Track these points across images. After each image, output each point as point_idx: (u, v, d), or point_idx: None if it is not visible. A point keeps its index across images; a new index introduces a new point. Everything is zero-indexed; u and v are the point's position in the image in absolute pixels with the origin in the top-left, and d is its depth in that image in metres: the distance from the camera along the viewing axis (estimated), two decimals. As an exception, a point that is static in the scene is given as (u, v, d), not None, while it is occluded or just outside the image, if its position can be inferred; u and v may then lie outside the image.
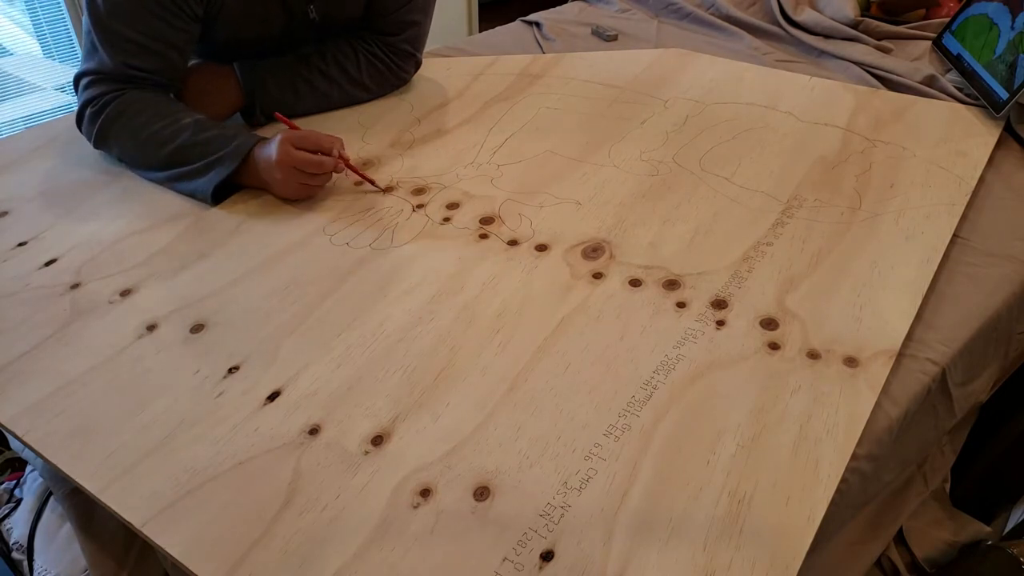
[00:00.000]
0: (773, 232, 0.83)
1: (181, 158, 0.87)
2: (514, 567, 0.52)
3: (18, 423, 0.63)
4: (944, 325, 0.73)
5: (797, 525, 0.54)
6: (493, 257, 0.80)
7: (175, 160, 0.87)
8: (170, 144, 0.87)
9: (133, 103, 0.89)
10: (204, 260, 0.80)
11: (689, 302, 0.74)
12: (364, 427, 0.61)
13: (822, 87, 1.15)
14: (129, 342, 0.70)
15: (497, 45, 1.36)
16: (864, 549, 0.83)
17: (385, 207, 0.88)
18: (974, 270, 0.81)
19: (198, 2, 0.89)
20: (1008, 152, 1.02)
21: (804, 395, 0.64)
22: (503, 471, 0.58)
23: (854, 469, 0.60)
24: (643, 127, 1.04)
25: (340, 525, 0.54)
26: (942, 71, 1.19)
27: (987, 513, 1.04)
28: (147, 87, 0.91)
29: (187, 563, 0.52)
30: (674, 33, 1.41)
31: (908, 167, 0.95)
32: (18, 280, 0.78)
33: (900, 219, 0.85)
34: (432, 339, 0.70)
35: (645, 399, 0.63)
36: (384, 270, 0.78)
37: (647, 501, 0.56)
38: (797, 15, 1.37)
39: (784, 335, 0.70)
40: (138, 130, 0.89)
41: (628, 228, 0.84)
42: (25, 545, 0.79)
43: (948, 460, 0.91)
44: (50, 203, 0.89)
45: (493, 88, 1.15)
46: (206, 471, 0.58)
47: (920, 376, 0.69)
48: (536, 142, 1.01)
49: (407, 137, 1.02)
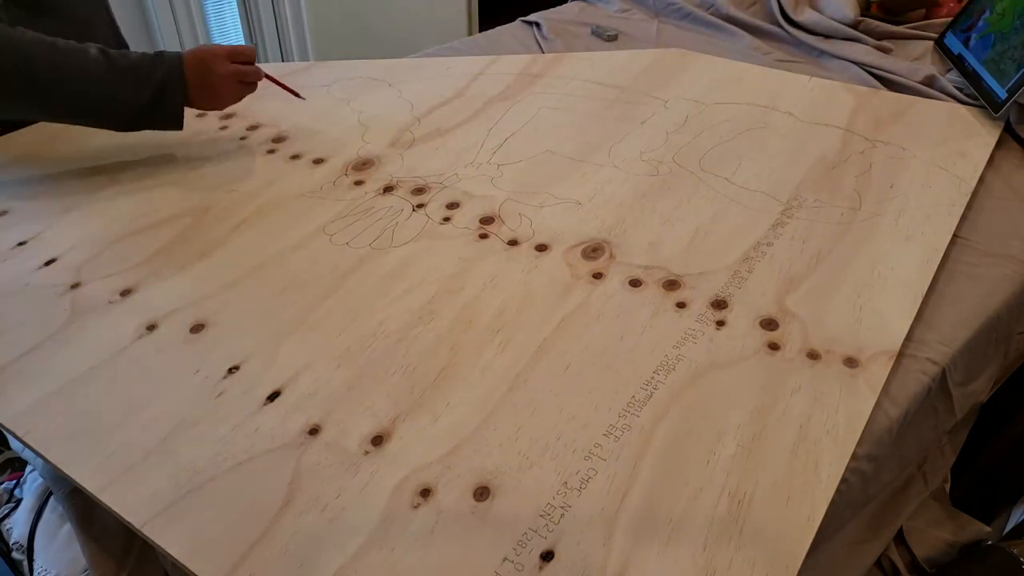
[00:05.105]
0: (773, 232, 0.83)
1: (119, 93, 0.84)
2: (514, 567, 0.52)
3: (18, 423, 0.63)
4: (944, 325, 0.73)
5: (797, 525, 0.54)
6: (493, 257, 0.80)
7: (108, 95, 0.84)
8: (89, 80, 0.82)
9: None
10: (204, 260, 0.80)
11: (689, 302, 0.73)
12: (364, 427, 0.61)
13: (822, 87, 1.15)
14: (129, 342, 0.70)
15: (497, 45, 1.36)
16: (864, 549, 0.83)
17: (385, 207, 0.88)
18: (974, 270, 0.81)
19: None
20: (1008, 152, 1.01)
21: (804, 395, 0.64)
22: (503, 471, 0.58)
23: (854, 469, 0.60)
24: (643, 127, 1.04)
25: (340, 525, 0.54)
26: (942, 71, 1.19)
27: (987, 513, 1.04)
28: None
29: (187, 563, 0.52)
30: (674, 33, 1.41)
31: (908, 167, 0.95)
32: (18, 280, 0.78)
33: (900, 219, 0.85)
34: (432, 339, 0.70)
35: (645, 399, 0.63)
36: (384, 270, 0.78)
37: (647, 501, 0.56)
38: (797, 15, 1.37)
39: (784, 335, 0.70)
40: (31, 69, 0.80)
41: (628, 228, 0.84)
42: (25, 545, 0.79)
43: (948, 460, 0.91)
44: (50, 203, 0.89)
45: (493, 88, 1.15)
46: (206, 471, 0.58)
47: (920, 376, 0.69)
48: (536, 142, 1.01)
49: (407, 137, 1.02)
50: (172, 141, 1.00)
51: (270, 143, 1.01)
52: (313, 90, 1.14)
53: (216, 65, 0.88)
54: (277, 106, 1.07)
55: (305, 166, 0.96)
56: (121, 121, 0.88)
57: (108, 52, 0.85)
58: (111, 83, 0.84)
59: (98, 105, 0.85)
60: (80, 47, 0.83)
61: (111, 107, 0.85)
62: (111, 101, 0.85)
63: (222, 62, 0.89)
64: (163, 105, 0.87)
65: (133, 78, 0.85)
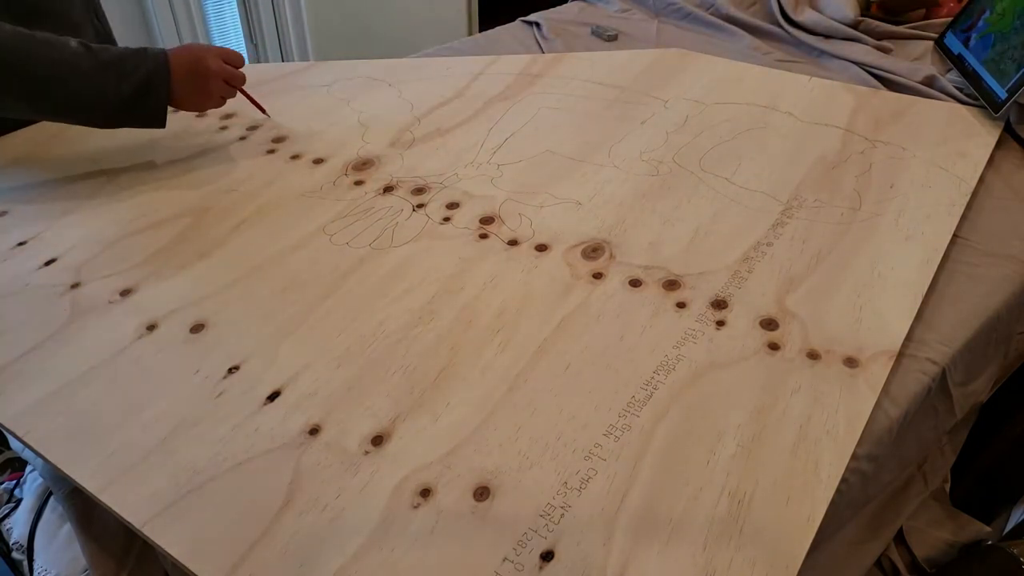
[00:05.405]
0: (773, 232, 0.83)
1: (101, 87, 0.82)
2: (514, 567, 0.52)
3: (18, 423, 0.63)
4: (944, 325, 0.73)
5: (797, 525, 0.54)
6: (493, 257, 0.80)
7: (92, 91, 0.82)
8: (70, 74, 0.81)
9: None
10: (204, 260, 0.80)
11: (689, 302, 0.73)
12: (364, 427, 0.61)
13: (822, 87, 1.15)
14: (129, 342, 0.70)
15: (497, 45, 1.36)
16: (864, 549, 0.83)
17: (385, 207, 0.88)
18: (974, 270, 0.81)
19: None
20: (1008, 152, 1.01)
21: (804, 395, 0.64)
22: (503, 471, 0.58)
23: (854, 469, 0.60)
24: (643, 127, 1.04)
25: (340, 525, 0.54)
26: (942, 71, 1.19)
27: (987, 513, 1.04)
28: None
29: (187, 563, 0.52)
30: (674, 33, 1.41)
31: (908, 167, 0.95)
32: (18, 280, 0.78)
33: (900, 219, 0.85)
34: (432, 339, 0.70)
35: (645, 399, 0.63)
36: (384, 270, 0.78)
37: (647, 501, 0.56)
38: (797, 15, 1.37)
39: (784, 335, 0.70)
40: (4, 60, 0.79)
41: (628, 228, 0.84)
42: (25, 545, 0.79)
43: (948, 460, 0.91)
44: (50, 203, 0.89)
45: (493, 88, 1.15)
46: (206, 471, 0.58)
47: (920, 376, 0.69)
48: (536, 142, 1.01)
49: (407, 137, 1.02)
50: (172, 141, 1.00)
51: (270, 143, 1.01)
52: (313, 90, 1.14)
53: (209, 61, 0.88)
54: (277, 106, 1.07)
55: (305, 166, 0.96)
56: (101, 116, 0.86)
57: (90, 45, 0.83)
58: (91, 76, 0.82)
59: (77, 99, 0.83)
60: (61, 39, 0.82)
61: (90, 101, 0.84)
62: (91, 95, 0.83)
63: (215, 59, 0.88)
64: (146, 102, 0.85)
65: (115, 72, 0.83)
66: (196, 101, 0.90)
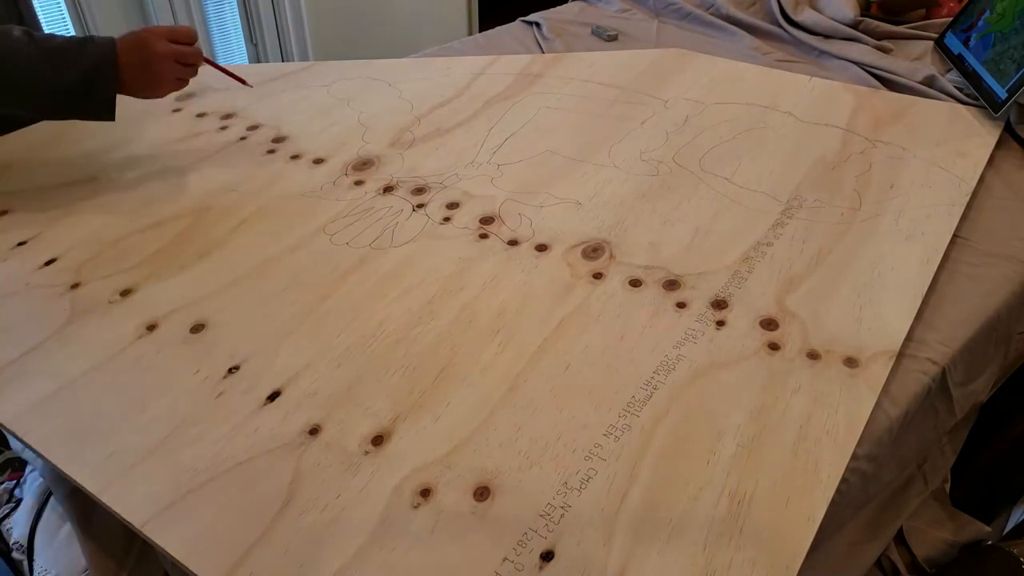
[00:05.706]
0: (773, 232, 0.83)
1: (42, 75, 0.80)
2: (514, 567, 0.52)
3: (18, 423, 0.63)
4: (944, 325, 0.73)
5: (797, 525, 0.54)
6: (493, 257, 0.80)
7: (30, 78, 0.80)
8: (8, 61, 0.79)
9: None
10: (204, 260, 0.80)
11: (689, 302, 0.73)
12: (364, 427, 0.61)
13: (822, 87, 1.15)
14: (129, 342, 0.70)
15: (497, 45, 1.36)
16: (864, 549, 0.83)
17: (385, 207, 0.88)
18: (974, 270, 0.81)
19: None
20: (1008, 152, 1.02)
21: (804, 395, 0.64)
22: (503, 471, 0.58)
23: (854, 469, 0.60)
24: (643, 127, 1.04)
25: (340, 525, 0.54)
26: (942, 71, 1.19)
27: (987, 513, 1.04)
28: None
29: (187, 563, 0.52)
30: (674, 33, 1.41)
31: (908, 167, 0.95)
32: (18, 280, 0.78)
33: (900, 219, 0.85)
34: (432, 339, 0.70)
35: (645, 399, 0.63)
36: (384, 270, 0.78)
37: (647, 501, 0.56)
38: (797, 15, 1.37)
39: (784, 335, 0.70)
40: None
41: (628, 228, 0.84)
42: (25, 545, 0.79)
43: (948, 460, 0.91)
44: (50, 203, 0.89)
45: (493, 88, 1.15)
46: (206, 471, 0.58)
47: (920, 376, 0.69)
48: (536, 142, 1.01)
49: (407, 137, 1.02)
50: (172, 141, 1.00)
51: (270, 143, 1.01)
52: (313, 90, 1.14)
53: (154, 44, 0.84)
54: (277, 106, 1.07)
55: (305, 166, 0.96)
56: (43, 106, 0.84)
57: (33, 34, 0.81)
58: (34, 64, 0.80)
59: (15, 87, 0.81)
60: (3, 27, 0.80)
61: (31, 89, 0.81)
62: (31, 83, 0.81)
63: (160, 41, 0.84)
64: (93, 90, 0.83)
65: (57, 60, 0.81)
66: (149, 87, 0.87)
